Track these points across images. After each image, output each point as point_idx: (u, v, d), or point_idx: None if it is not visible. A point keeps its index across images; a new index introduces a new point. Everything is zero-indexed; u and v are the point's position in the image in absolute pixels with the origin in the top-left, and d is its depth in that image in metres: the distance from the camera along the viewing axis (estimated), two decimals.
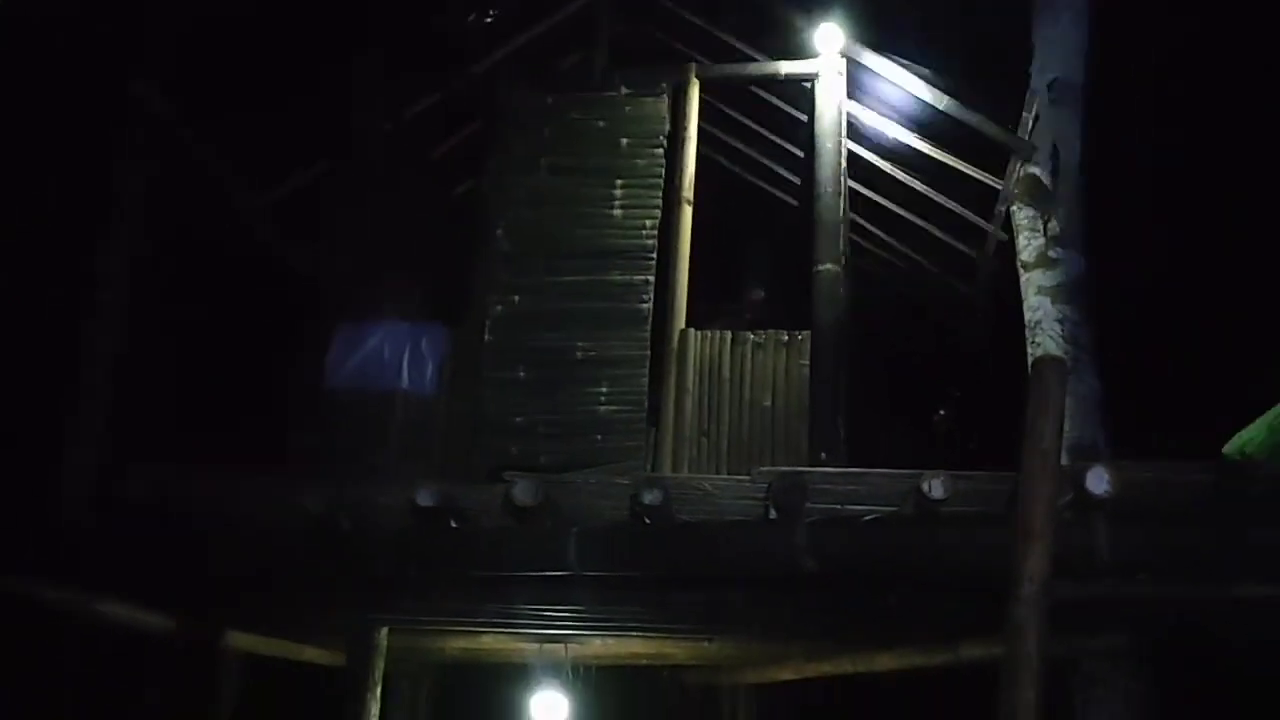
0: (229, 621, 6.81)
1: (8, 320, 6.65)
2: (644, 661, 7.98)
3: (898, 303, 9.14)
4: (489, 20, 7.48)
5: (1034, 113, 6.52)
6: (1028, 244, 6.55)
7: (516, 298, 6.66)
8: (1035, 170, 6.62)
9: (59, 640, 5.46)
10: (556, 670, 7.44)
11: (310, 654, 7.69)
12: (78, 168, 6.22)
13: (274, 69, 6.92)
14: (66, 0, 6.16)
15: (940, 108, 6.86)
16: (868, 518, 4.56)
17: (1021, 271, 6.52)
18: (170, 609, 6.20)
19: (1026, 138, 6.61)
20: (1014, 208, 6.76)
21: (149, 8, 6.29)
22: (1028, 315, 6.41)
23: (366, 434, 6.49)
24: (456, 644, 7.59)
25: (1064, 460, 4.63)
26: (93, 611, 5.63)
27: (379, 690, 7.00)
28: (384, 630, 6.93)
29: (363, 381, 6.66)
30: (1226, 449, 5.03)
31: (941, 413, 9.25)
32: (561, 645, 7.11)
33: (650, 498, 4.72)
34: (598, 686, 7.72)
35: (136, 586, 5.66)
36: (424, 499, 4.95)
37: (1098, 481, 4.24)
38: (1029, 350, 6.26)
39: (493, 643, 7.35)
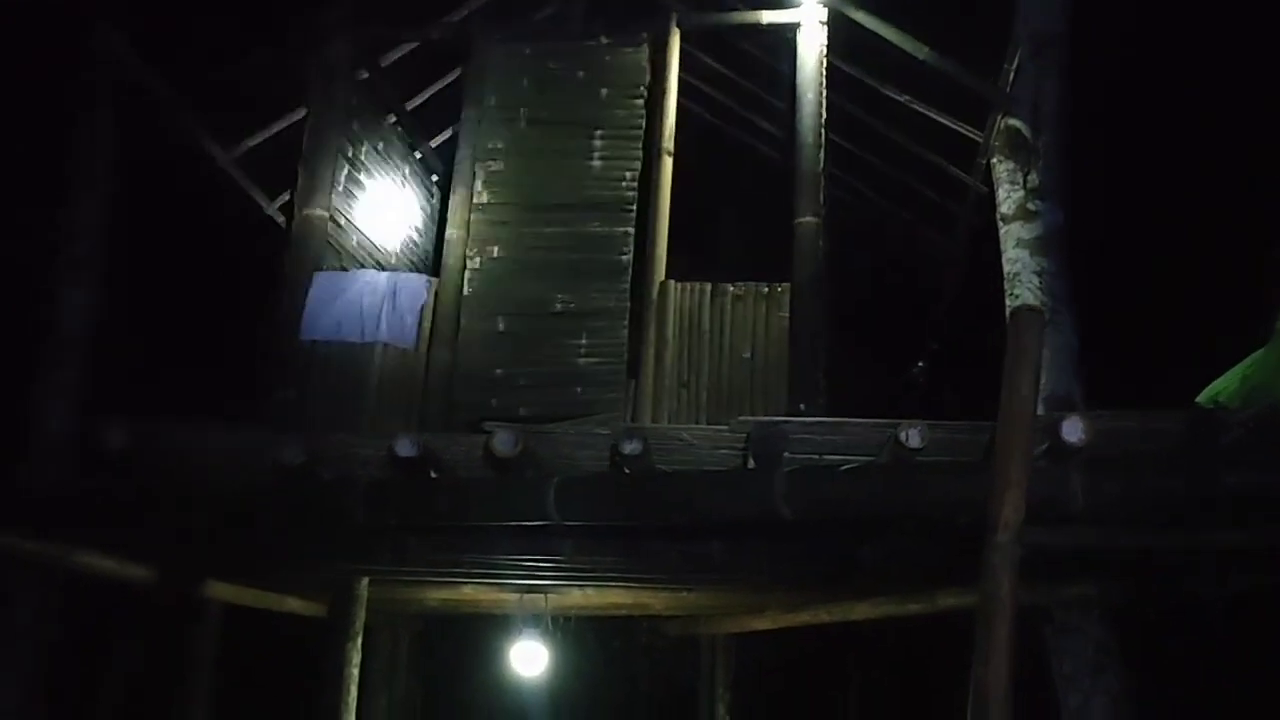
0: (210, 573, 6.82)
1: None
2: (624, 612, 8.06)
3: (877, 256, 9.16)
4: None
5: (1015, 65, 6.49)
6: (1007, 197, 6.55)
7: (495, 249, 6.64)
8: (1015, 123, 6.61)
9: (39, 592, 5.44)
10: (537, 620, 7.50)
11: (292, 604, 7.73)
12: (47, 121, 6.11)
13: (246, 13, 6.81)
14: None
15: (921, 58, 6.82)
16: (845, 467, 4.59)
17: (1001, 224, 6.53)
18: (151, 561, 6.21)
19: (1007, 90, 6.59)
20: (994, 160, 6.76)
21: None
22: (1006, 267, 6.43)
23: (345, 385, 6.48)
24: (437, 594, 7.64)
25: (1040, 410, 4.66)
26: (72, 563, 5.63)
27: (360, 640, 7.06)
28: (364, 581, 6.97)
29: (341, 332, 6.62)
30: (1199, 398, 5.09)
31: (920, 364, 9.30)
32: (541, 595, 7.16)
33: (630, 448, 4.74)
34: (577, 636, 7.79)
35: (116, 539, 5.66)
36: (403, 449, 4.94)
37: (1072, 431, 4.29)
38: (1007, 302, 6.29)
39: (473, 593, 7.39)
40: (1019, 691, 3.84)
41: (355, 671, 7.08)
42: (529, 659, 7.68)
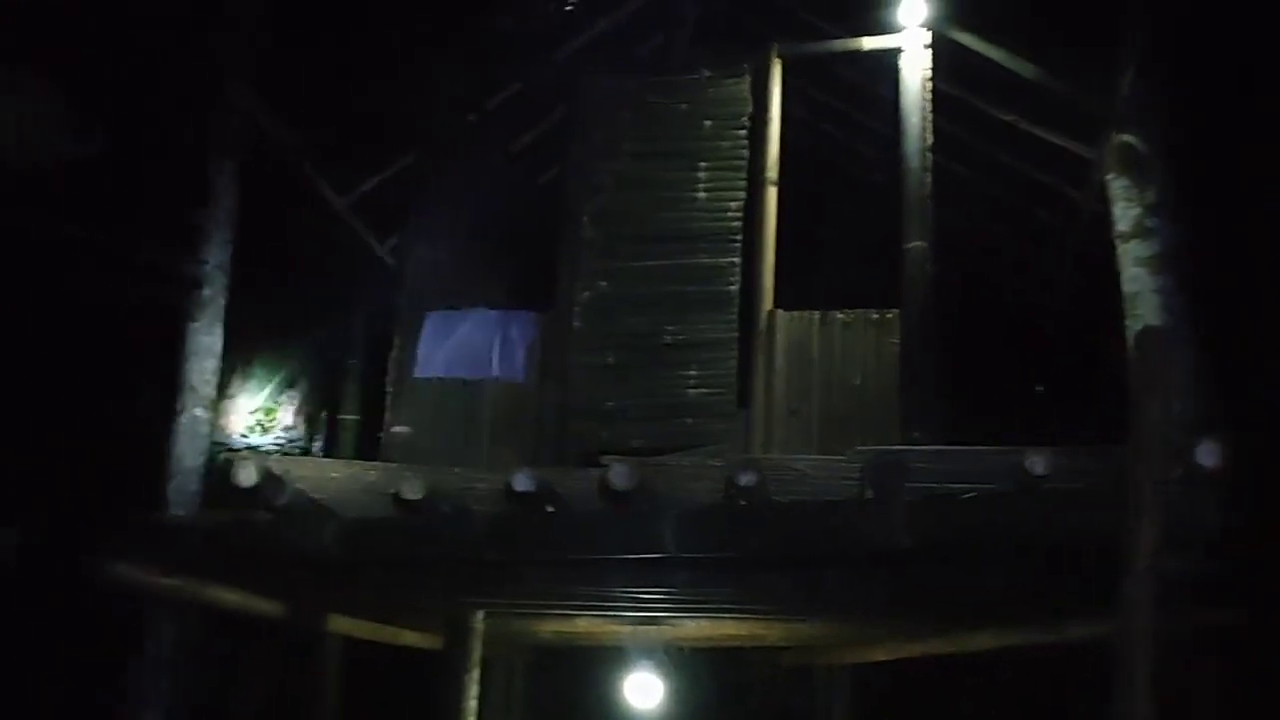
0: (331, 606, 6.97)
1: (115, 319, 6.86)
2: (738, 643, 7.99)
3: (989, 279, 9.00)
4: (568, 8, 7.50)
5: (1128, 79, 6.34)
6: (1124, 214, 6.37)
7: (603, 283, 6.70)
8: (1129, 138, 6.44)
9: (177, 625, 5.63)
10: (651, 652, 7.48)
11: (409, 637, 7.84)
12: (176, 169, 6.38)
13: (357, 64, 7.02)
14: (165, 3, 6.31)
15: (1027, 77, 6.71)
16: (967, 495, 4.50)
17: (1118, 242, 6.36)
18: (276, 595, 6.37)
19: (1120, 104, 6.44)
20: (1109, 177, 6.59)
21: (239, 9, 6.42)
22: (1125, 287, 6.25)
23: (460, 421, 6.59)
24: (552, 627, 7.67)
25: (1171, 433, 4.51)
26: (205, 597, 5.81)
27: (476, 673, 7.12)
28: (480, 614, 7.03)
29: (454, 370, 6.76)
30: None
31: (1039, 388, 9.08)
32: (656, 627, 7.14)
33: (746, 479, 4.72)
34: (692, 668, 7.74)
35: (243, 574, 5.82)
36: (520, 484, 4.99)
37: (1208, 455, 4.14)
38: (1128, 323, 6.11)
39: (588, 625, 7.41)
40: None
41: (473, 704, 7.14)
42: (643, 691, 7.66)
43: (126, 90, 6.22)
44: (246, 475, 5.49)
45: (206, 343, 5.98)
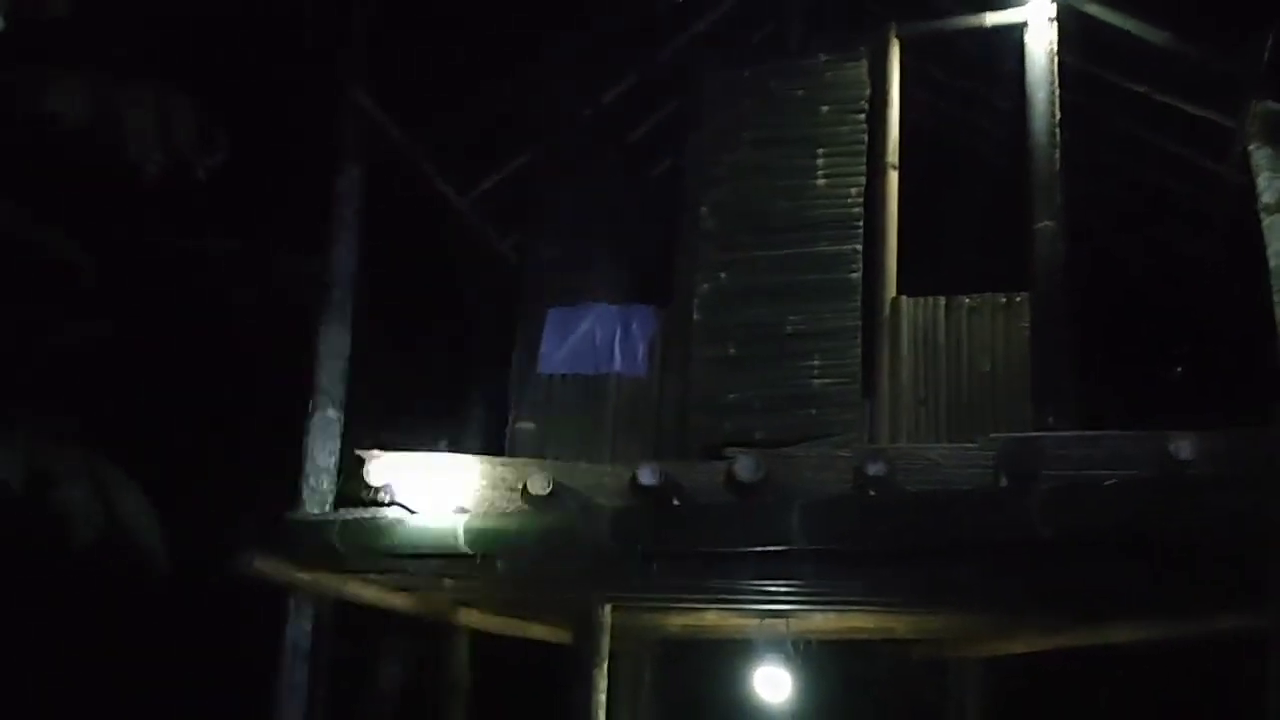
0: (461, 600, 7.10)
1: (250, 323, 7.10)
2: (868, 636, 7.88)
3: (1123, 257, 8.68)
4: None
5: (1272, 39, 6.02)
6: (1269, 185, 6.07)
7: (723, 274, 6.65)
8: (1275, 105, 6.13)
9: (315, 618, 5.81)
10: (779, 645, 7.42)
11: (537, 631, 7.95)
12: (304, 173, 6.57)
13: (473, 64, 7.12)
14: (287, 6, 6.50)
15: (1160, 44, 6.43)
16: (1109, 482, 4.34)
17: (1263, 216, 6.05)
18: (407, 588, 6.52)
19: (1263, 69, 6.12)
20: (1252, 147, 6.28)
21: (359, 17, 6.57)
22: (1272, 262, 5.95)
23: (583, 416, 6.64)
24: (679, 620, 7.69)
25: None
26: (339, 592, 5.98)
27: (604, 667, 7.17)
28: (608, 607, 7.08)
29: (575, 365, 6.81)
30: None
31: (1179, 370, 8.73)
32: (784, 620, 7.09)
33: (875, 469, 4.65)
34: (821, 661, 7.65)
35: (375, 568, 5.97)
36: (646, 477, 5.01)
37: None
38: (1276, 299, 5.82)
39: (715, 618, 7.40)
40: None
41: (601, 697, 7.19)
42: (772, 685, 7.60)
43: (254, 99, 6.42)
44: (378, 473, 5.65)
45: (336, 344, 6.13)
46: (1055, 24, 6.59)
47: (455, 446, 8.12)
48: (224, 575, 5.44)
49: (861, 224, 6.53)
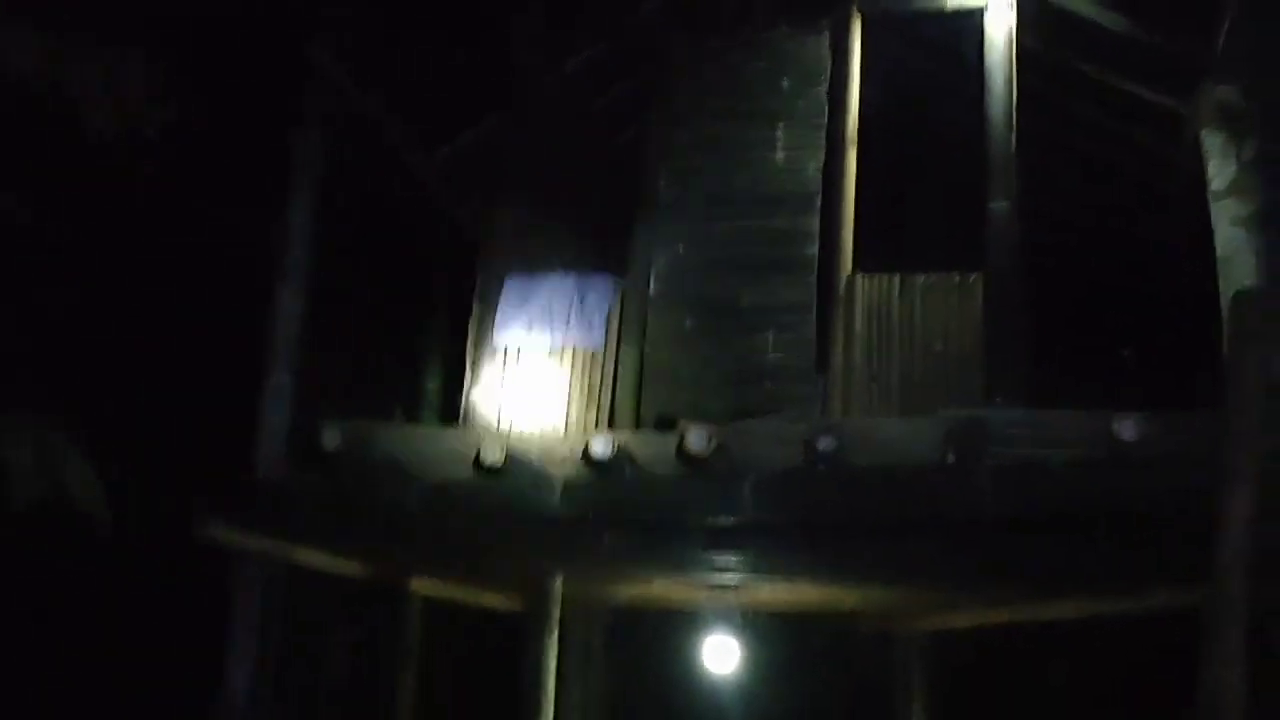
0: (413, 568, 7.09)
1: (203, 284, 7.02)
2: (816, 608, 7.95)
3: (1076, 239, 8.78)
4: None
5: (1226, 27, 6.10)
6: (1219, 171, 6.16)
7: (681, 247, 6.66)
8: (1227, 91, 6.21)
9: (265, 584, 5.78)
10: (728, 616, 7.48)
11: (490, 599, 7.95)
12: (260, 133, 6.49)
13: (437, 26, 7.04)
14: None
15: (1117, 30, 6.50)
16: (1054, 461, 4.41)
17: (1213, 201, 6.15)
18: (359, 556, 6.50)
19: (1217, 55, 6.20)
20: (1203, 133, 6.37)
21: None
22: (1220, 248, 6.05)
23: (537, 386, 6.62)
24: (630, 590, 7.71)
25: (1267, 398, 4.37)
26: (291, 558, 5.95)
27: (555, 635, 7.20)
28: (560, 577, 7.10)
29: (532, 335, 6.78)
30: None
31: (1127, 352, 8.86)
32: (733, 591, 7.14)
33: (825, 444, 4.70)
34: (769, 633, 7.72)
35: (329, 534, 5.95)
36: (598, 448, 5.03)
37: None
38: (1222, 285, 5.92)
39: (665, 589, 7.43)
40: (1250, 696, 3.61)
41: (552, 665, 7.23)
42: (721, 655, 7.66)
43: (215, 58, 6.32)
44: (331, 438, 5.63)
45: (291, 308, 6.08)
46: (1014, 8, 6.63)
47: (411, 414, 8.12)
48: (175, 540, 5.40)
49: (819, 200, 6.56)
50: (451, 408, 6.96)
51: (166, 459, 6.41)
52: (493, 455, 5.26)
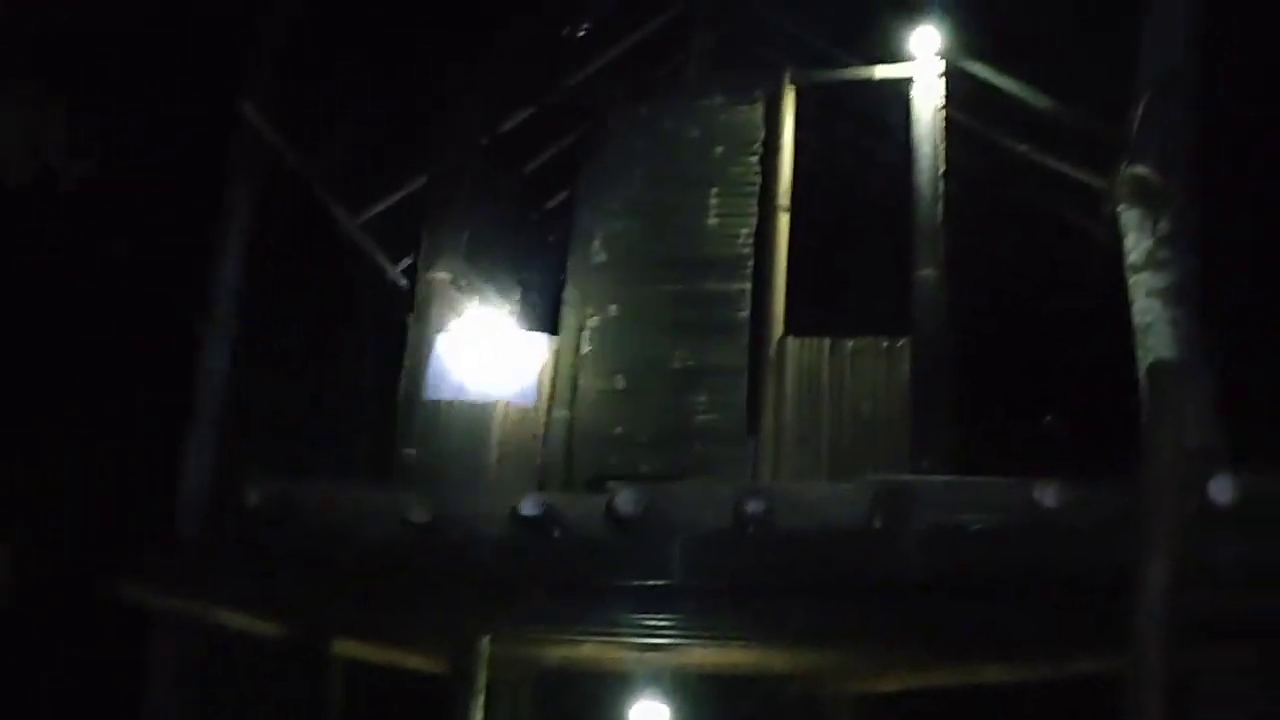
0: (337, 629, 6.93)
1: (128, 336, 6.88)
2: (745, 671, 7.92)
3: (1001, 307, 8.97)
4: (583, 33, 7.54)
5: (1140, 109, 6.33)
6: (1136, 245, 6.33)
7: (614, 307, 6.71)
8: (1142, 169, 6.42)
9: (182, 645, 5.61)
10: (657, 679, 7.42)
11: (415, 661, 7.78)
12: (190, 186, 6.42)
13: (372, 85, 7.06)
14: (176, 23, 6.36)
15: (1040, 107, 6.72)
16: (977, 527, 4.47)
17: (1130, 274, 6.33)
18: (282, 616, 6.34)
19: (1132, 135, 6.42)
20: (1121, 208, 6.58)
21: (252, 29, 6.47)
22: (1137, 319, 6.22)
23: (469, 444, 6.58)
24: (558, 652, 7.60)
25: (1184, 467, 4.48)
26: (208, 618, 5.79)
27: (482, 698, 7.07)
28: (487, 638, 6.99)
29: (464, 392, 6.74)
30: None
31: (1050, 418, 9.04)
32: (662, 654, 7.09)
33: (754, 506, 4.71)
34: (699, 696, 7.67)
35: (250, 594, 5.80)
36: (528, 508, 5.00)
37: (1221, 490, 4.11)
38: (1140, 355, 6.08)
39: (594, 651, 7.35)
40: None
41: None
42: (650, 718, 7.59)
43: (143, 107, 6.27)
44: (254, 495, 5.51)
45: (218, 361, 5.98)
46: (942, 81, 6.82)
47: (339, 471, 8.00)
48: (86, 601, 5.24)
49: (751, 264, 6.66)
50: (380, 465, 6.87)
51: (80, 516, 6.23)
52: (421, 514, 5.18)
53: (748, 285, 6.61)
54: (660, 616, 5.66)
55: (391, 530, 5.35)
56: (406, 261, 7.91)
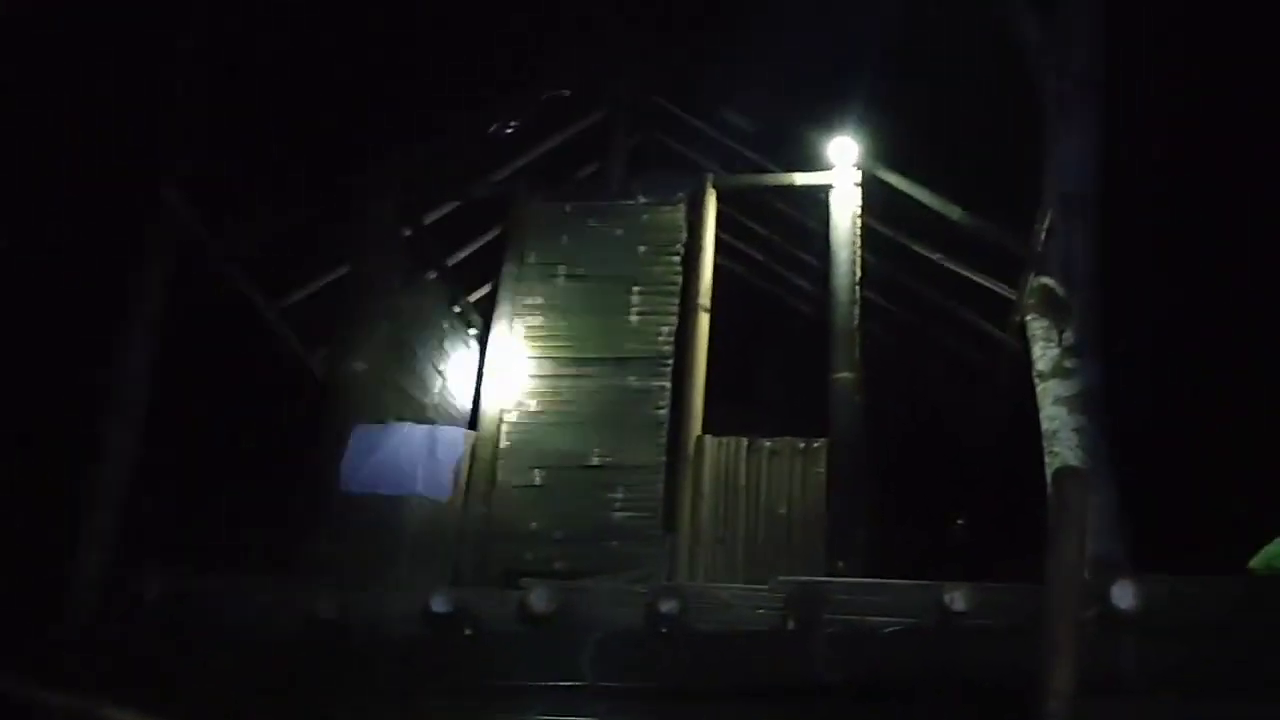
0: None
1: (27, 418, 6.67)
2: None
3: (915, 412, 9.14)
4: (509, 131, 7.64)
5: (1046, 224, 6.58)
6: (1043, 354, 6.51)
7: (533, 403, 6.69)
8: (1048, 281, 6.65)
9: None
10: None
11: None
12: (103, 267, 6.31)
13: (296, 174, 7.06)
14: (99, 103, 6.33)
15: (953, 219, 6.94)
16: (888, 629, 4.48)
17: (1037, 381, 6.49)
18: (177, 716, 6.08)
19: (1039, 248, 6.66)
20: (1028, 318, 6.78)
21: (175, 114, 6.45)
22: (1045, 425, 6.36)
23: (381, 538, 6.45)
24: None
25: (1087, 573, 4.56)
26: (98, 716, 5.52)
27: None
28: None
29: (377, 485, 6.63)
30: (1254, 563, 4.96)
31: (960, 522, 9.17)
32: None
33: (667, 606, 4.67)
34: None
35: (143, 692, 5.57)
36: (438, 605, 4.89)
37: (1123, 595, 4.18)
38: (1047, 460, 6.21)
39: None
40: None
41: None
42: None
43: (64, 189, 6.19)
44: (151, 587, 5.32)
45: (119, 447, 5.81)
46: (859, 189, 7.02)
47: (244, 564, 7.77)
48: None
49: (671, 362, 6.72)
50: (288, 558, 6.68)
51: None
52: (328, 609, 5.05)
53: (667, 383, 6.65)
54: (573, 718, 5.55)
55: (297, 626, 5.18)
56: (325, 351, 7.81)
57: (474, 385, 7.11)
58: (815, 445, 6.50)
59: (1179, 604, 4.38)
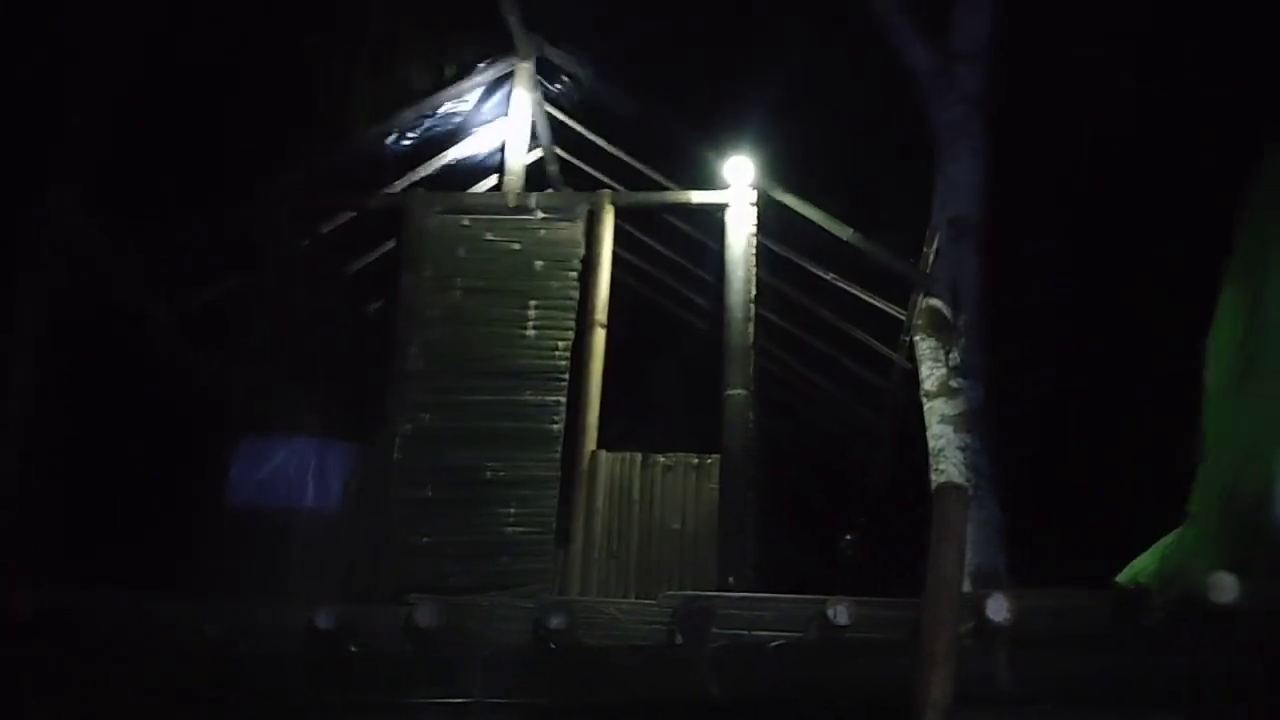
0: None
1: None
2: None
3: (806, 429, 9.29)
4: (407, 143, 7.59)
5: (934, 247, 6.77)
6: (930, 373, 6.70)
7: (427, 416, 6.65)
8: (936, 302, 6.83)
9: None
10: None
11: None
12: None
13: (192, 180, 6.92)
14: None
15: (845, 239, 7.09)
16: (773, 644, 4.54)
17: (925, 400, 6.67)
18: None
19: (927, 271, 6.84)
20: (917, 338, 6.96)
21: (70, 114, 6.29)
22: (931, 443, 6.54)
23: (268, 553, 6.34)
24: None
25: (965, 587, 4.68)
26: None
27: None
28: None
29: (266, 499, 6.53)
30: (1120, 577, 5.14)
31: (848, 537, 9.34)
32: None
33: (555, 622, 4.65)
34: None
35: (17, 712, 5.38)
36: (323, 621, 4.81)
37: (997, 609, 4.29)
38: (932, 477, 6.38)
39: None
40: None
41: None
42: None
43: None
44: (28, 606, 5.14)
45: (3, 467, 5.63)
46: (755, 209, 7.13)
47: (129, 580, 7.55)
48: None
49: (567, 377, 6.73)
50: (175, 574, 6.52)
51: None
52: (212, 627, 4.93)
53: (562, 397, 6.66)
54: None
55: (181, 644, 5.06)
56: (217, 361, 7.64)
57: (370, 397, 7.00)
58: (709, 461, 6.57)
59: (1050, 617, 4.52)
